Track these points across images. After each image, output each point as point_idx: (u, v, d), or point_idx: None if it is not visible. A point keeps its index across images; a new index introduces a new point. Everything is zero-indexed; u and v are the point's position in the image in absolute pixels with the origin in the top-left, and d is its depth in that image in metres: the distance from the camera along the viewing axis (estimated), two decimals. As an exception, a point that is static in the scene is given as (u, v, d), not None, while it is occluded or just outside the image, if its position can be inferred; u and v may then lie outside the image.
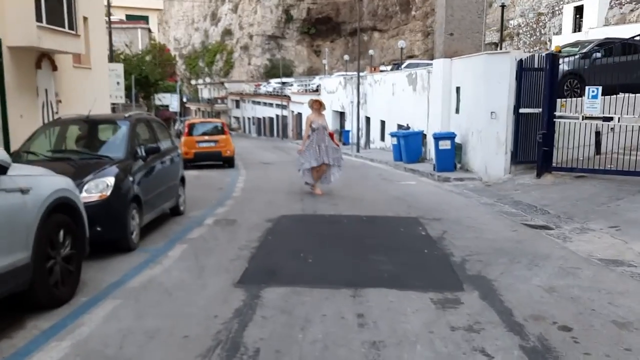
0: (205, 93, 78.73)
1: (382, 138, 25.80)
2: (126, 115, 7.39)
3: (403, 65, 26.99)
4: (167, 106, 39.85)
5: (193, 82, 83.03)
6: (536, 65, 11.75)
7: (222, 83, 73.10)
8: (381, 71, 30.35)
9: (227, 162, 17.32)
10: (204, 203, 9.62)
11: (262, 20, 69.51)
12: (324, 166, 10.53)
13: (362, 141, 27.43)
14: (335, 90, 35.18)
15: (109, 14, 17.31)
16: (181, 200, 8.43)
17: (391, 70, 29.22)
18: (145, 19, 53.67)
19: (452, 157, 14.05)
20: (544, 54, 11.77)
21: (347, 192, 10.88)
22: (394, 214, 8.41)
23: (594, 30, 27.06)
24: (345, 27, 66.33)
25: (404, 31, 62.71)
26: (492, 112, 12.28)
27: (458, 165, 14.34)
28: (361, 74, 26.43)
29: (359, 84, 25.17)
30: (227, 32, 74.88)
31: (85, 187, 5.56)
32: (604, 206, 8.33)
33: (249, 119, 66.38)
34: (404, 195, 10.50)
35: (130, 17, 45.20)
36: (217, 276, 5.12)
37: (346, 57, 41.98)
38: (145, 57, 28.82)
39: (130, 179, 6.20)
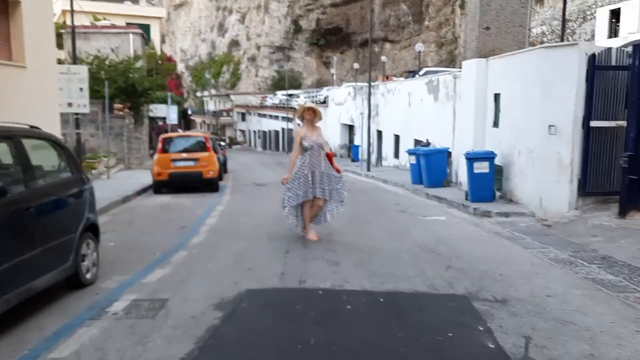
0: (211, 105, 76.33)
1: (396, 155, 22.67)
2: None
3: (420, 73, 23.90)
4: (164, 118, 36.93)
5: (199, 94, 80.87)
6: (614, 62, 8.60)
7: (228, 95, 70.68)
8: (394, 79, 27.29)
9: (210, 185, 14.25)
10: (142, 257, 6.50)
11: (270, 30, 67.27)
12: (319, 200, 7.43)
13: (373, 158, 24.30)
14: (344, 101, 32.16)
15: (71, 10, 14.42)
16: (88, 264, 5.31)
17: (405, 79, 26.16)
18: (146, 27, 51.30)
19: (490, 184, 10.88)
20: (627, 47, 8.63)
21: (354, 236, 7.75)
22: (428, 287, 5.26)
23: (634, 35, 23.89)
24: (356, 37, 63.83)
25: (417, 42, 59.87)
26: (550, 126, 9.12)
27: (497, 194, 11.16)
28: (372, 83, 23.38)
29: (370, 93, 22.11)
30: (234, 43, 72.79)
31: None
32: None
33: (254, 132, 63.73)
34: (435, 244, 7.33)
35: (131, 25, 42.70)
36: None
37: (356, 65, 39.06)
38: (134, 63, 25.93)
39: None
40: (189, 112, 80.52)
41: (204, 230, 8.17)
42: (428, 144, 17.00)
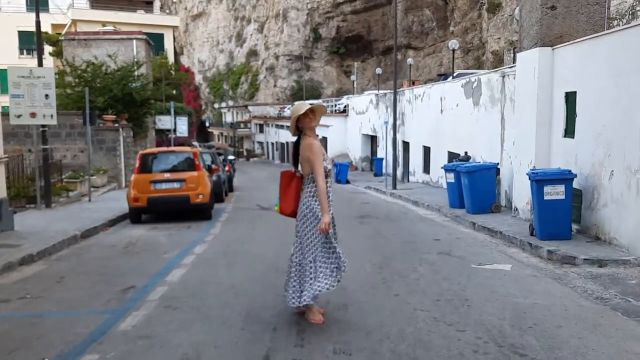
0: (228, 117, 74.47)
1: (426, 169, 19.75)
2: None
3: (454, 75, 20.96)
4: (172, 130, 34.49)
5: (216, 105, 79.20)
6: None
7: (246, 106, 68.64)
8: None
9: (201, 212, 11.53)
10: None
11: (289, 39, 65.17)
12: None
13: (399, 172, 21.39)
14: (365, 110, 29.32)
15: (37, 8, 11.96)
16: None
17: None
18: (159, 36, 49.49)
19: (567, 215, 7.92)
20: None
21: (382, 311, 4.90)
22: None
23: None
24: (377, 45, 61.28)
25: (441, 48, 57.19)
26: (669, 135, 6.18)
27: (575, 227, 8.21)
28: (397, 89, 20.54)
29: (395, 99, 19.26)
30: (253, 53, 70.96)
31: None
32: None
33: (272, 144, 61.35)
34: (515, 329, 4.44)
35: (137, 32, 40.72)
36: None
37: (378, 70, 36.31)
38: (133, 70, 23.51)
39: None
40: (207, 124, 78.75)
41: (152, 299, 5.38)
42: (468, 158, 14.10)
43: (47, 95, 12.00)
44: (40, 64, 12.49)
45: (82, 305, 5.30)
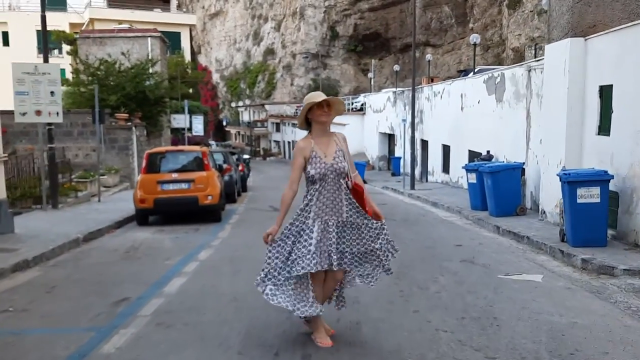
0: (245, 116, 74.34)
1: (445, 169, 19.07)
2: None
3: (475, 70, 20.23)
4: (188, 129, 34.17)
5: (234, 104, 79.14)
6: None
7: (263, 105, 68.40)
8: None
9: (210, 213, 11.05)
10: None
11: (306, 38, 64.71)
12: (337, 273, 4.07)
13: (417, 172, 20.74)
14: (382, 108, 28.66)
15: (42, 3, 11.63)
16: None
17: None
18: (176, 35, 49.36)
19: (602, 220, 7.25)
20: None
21: (400, 330, 4.34)
22: None
23: None
24: (395, 43, 60.46)
25: (460, 45, 56.20)
26: None
27: (610, 233, 7.54)
28: (415, 87, 19.86)
29: (413, 97, 18.61)
30: (270, 52, 70.69)
31: None
32: None
33: (289, 142, 60.95)
34: (549, 358, 3.83)
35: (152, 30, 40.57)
36: None
37: (396, 67, 35.61)
38: (147, 68, 23.16)
39: None
40: (224, 123, 78.68)
41: (145, 313, 4.87)
42: (490, 157, 13.43)
43: (52, 92, 11.61)
44: (46, 60, 12.12)
45: (68, 320, 4.81)
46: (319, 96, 4.09)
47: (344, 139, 4.23)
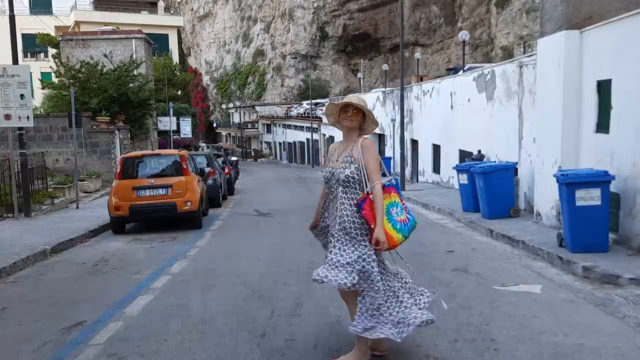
0: (236, 117, 73.85)
1: (436, 169, 18.60)
2: None
3: (465, 68, 19.79)
4: (175, 131, 33.55)
5: (224, 106, 78.60)
6: None
7: (253, 107, 67.90)
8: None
9: (190, 220, 10.50)
10: None
11: (296, 39, 64.25)
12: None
13: (408, 172, 20.29)
14: (372, 108, 28.17)
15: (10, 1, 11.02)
16: None
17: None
18: (164, 37, 48.68)
19: (604, 223, 6.77)
20: None
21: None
22: None
23: None
24: (385, 43, 60.09)
25: (449, 45, 55.93)
26: None
27: (612, 237, 7.06)
28: (405, 85, 19.39)
29: (402, 96, 18.14)
30: (260, 53, 70.19)
31: None
32: None
33: (279, 144, 60.53)
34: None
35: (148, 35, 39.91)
36: None
37: (385, 66, 35.13)
38: (131, 70, 22.52)
39: None
40: (215, 124, 78.03)
41: (97, 342, 4.29)
42: (481, 157, 12.95)
43: (22, 95, 11.05)
44: (15, 61, 11.53)
45: (9, 352, 4.25)
46: (348, 99, 3.86)
47: (365, 145, 3.75)
